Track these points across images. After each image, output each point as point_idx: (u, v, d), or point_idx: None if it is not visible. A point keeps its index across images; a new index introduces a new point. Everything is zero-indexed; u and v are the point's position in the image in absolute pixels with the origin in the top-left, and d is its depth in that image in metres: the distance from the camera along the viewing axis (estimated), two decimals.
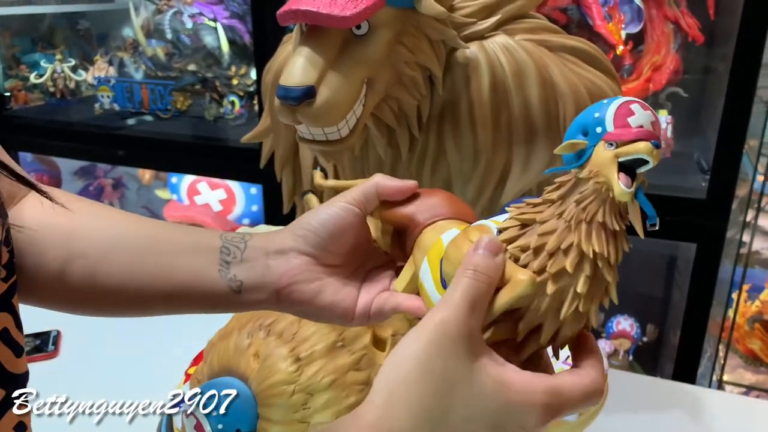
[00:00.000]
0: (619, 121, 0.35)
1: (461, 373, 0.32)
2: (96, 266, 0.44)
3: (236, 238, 0.44)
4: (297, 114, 0.51)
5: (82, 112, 1.73)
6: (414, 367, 0.32)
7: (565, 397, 0.34)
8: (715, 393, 0.94)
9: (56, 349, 0.93)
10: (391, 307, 0.42)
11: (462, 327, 0.32)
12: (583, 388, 0.34)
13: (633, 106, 0.35)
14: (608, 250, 0.35)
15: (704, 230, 1.09)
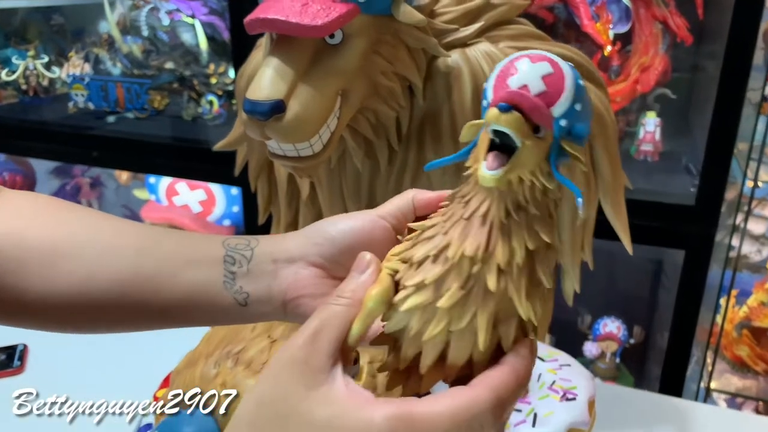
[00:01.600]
0: (498, 85, 0.28)
1: (292, 402, 0.29)
2: (86, 283, 0.40)
3: (241, 244, 0.40)
4: (266, 129, 0.48)
5: (56, 110, 1.67)
6: (249, 401, 0.30)
7: (417, 427, 0.28)
8: (703, 407, 0.92)
9: (22, 365, 0.89)
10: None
11: (296, 353, 0.29)
12: (440, 417, 0.28)
13: (518, 63, 0.28)
14: (500, 250, 0.27)
15: (692, 237, 1.07)
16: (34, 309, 0.41)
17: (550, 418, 0.52)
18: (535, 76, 0.27)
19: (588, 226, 0.65)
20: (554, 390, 0.55)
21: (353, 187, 0.63)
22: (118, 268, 0.40)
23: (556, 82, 0.27)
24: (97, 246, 0.41)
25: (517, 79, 0.28)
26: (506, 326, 0.27)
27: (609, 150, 0.60)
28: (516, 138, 0.26)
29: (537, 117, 0.26)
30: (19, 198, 0.44)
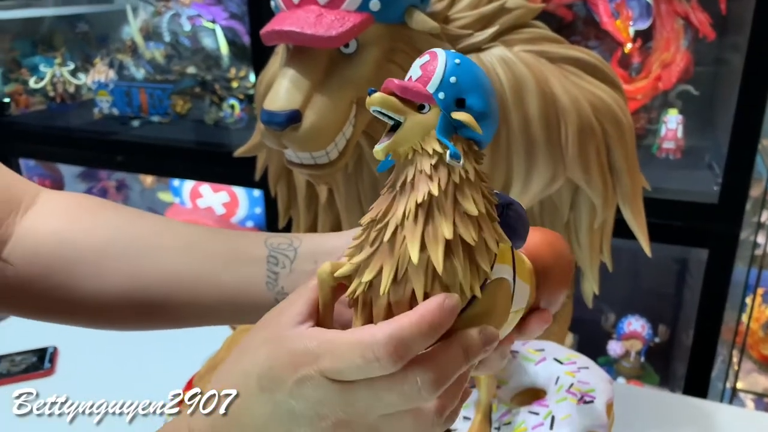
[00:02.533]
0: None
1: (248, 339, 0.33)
2: (131, 282, 0.41)
3: (284, 244, 0.41)
4: (282, 139, 0.48)
5: (82, 116, 1.71)
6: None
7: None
8: (727, 408, 0.91)
9: (52, 367, 0.92)
10: None
11: (270, 313, 0.33)
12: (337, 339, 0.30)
13: (415, 60, 0.32)
14: (399, 209, 0.30)
15: (716, 236, 1.05)
16: (82, 307, 0.42)
17: (568, 421, 0.52)
18: (416, 67, 0.32)
19: (606, 228, 0.65)
20: (572, 393, 0.54)
21: (370, 193, 0.64)
22: (161, 268, 0.41)
23: (430, 66, 0.31)
24: (140, 246, 0.42)
25: (409, 72, 0.32)
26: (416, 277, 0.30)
27: (626, 153, 0.60)
28: (393, 115, 0.30)
29: (409, 95, 0.30)
30: (59, 198, 0.45)
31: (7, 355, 0.94)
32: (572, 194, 0.62)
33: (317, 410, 0.30)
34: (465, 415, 0.56)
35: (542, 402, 0.55)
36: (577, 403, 0.53)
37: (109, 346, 0.99)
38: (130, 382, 0.88)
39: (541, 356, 0.60)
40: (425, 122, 0.31)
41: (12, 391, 0.91)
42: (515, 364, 0.59)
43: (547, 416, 0.53)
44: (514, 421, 0.54)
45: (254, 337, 0.33)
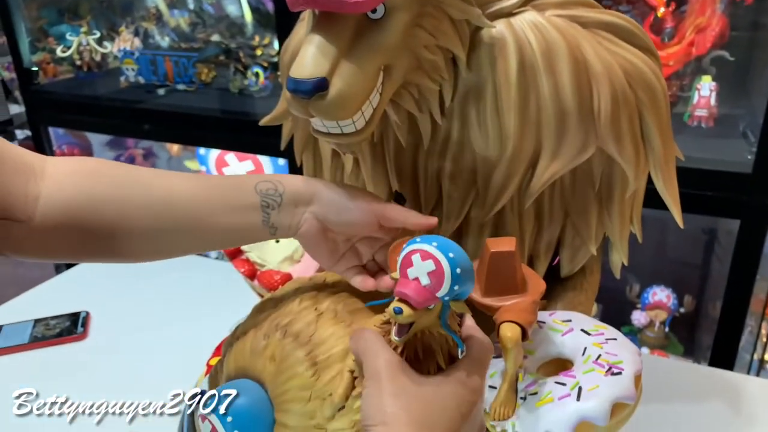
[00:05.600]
0: (402, 271, 0.39)
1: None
2: (145, 234, 0.50)
3: (271, 190, 0.52)
4: (309, 107, 0.48)
5: (109, 85, 1.72)
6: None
7: None
8: (754, 380, 0.90)
9: (85, 331, 0.94)
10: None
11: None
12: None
13: (413, 257, 0.39)
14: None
15: (749, 206, 1.03)
16: (113, 247, 0.51)
17: (595, 392, 0.51)
18: (423, 272, 0.38)
19: (637, 198, 0.64)
20: (599, 364, 0.54)
21: (396, 162, 0.63)
22: (175, 218, 0.51)
23: (438, 277, 0.38)
24: (154, 194, 0.50)
25: (412, 271, 0.38)
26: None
27: (660, 121, 0.58)
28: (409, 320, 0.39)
29: (423, 305, 0.38)
30: (70, 161, 0.51)
31: (42, 320, 0.97)
32: (604, 163, 0.61)
33: None
34: (491, 384, 0.57)
35: (569, 373, 0.55)
36: (604, 374, 0.53)
37: (139, 310, 1.01)
38: (159, 349, 0.90)
39: (568, 327, 0.59)
40: (431, 315, 0.40)
41: (48, 354, 0.94)
42: (542, 334, 0.59)
43: (574, 387, 0.53)
44: (540, 391, 0.54)
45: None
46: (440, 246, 0.38)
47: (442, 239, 0.39)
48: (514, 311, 0.53)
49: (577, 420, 0.51)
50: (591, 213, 0.63)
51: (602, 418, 0.51)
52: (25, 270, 1.85)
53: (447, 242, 0.39)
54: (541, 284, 0.57)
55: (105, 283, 1.09)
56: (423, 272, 0.38)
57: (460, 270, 0.38)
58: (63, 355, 0.89)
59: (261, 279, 0.68)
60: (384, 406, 0.39)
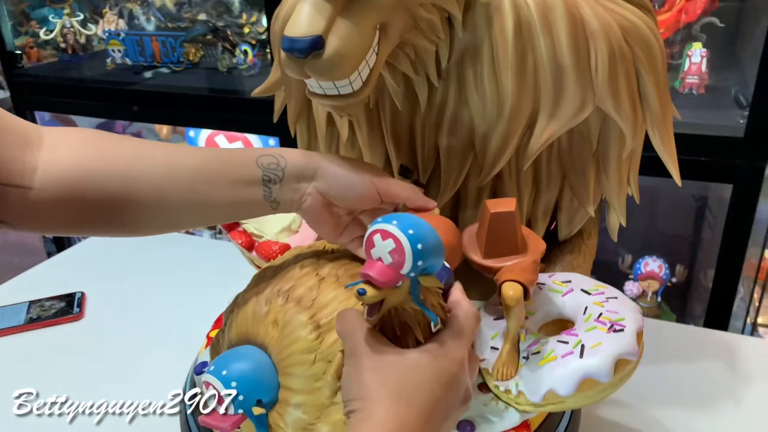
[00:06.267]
0: (366, 254, 0.40)
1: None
2: (148, 209, 0.49)
3: (272, 164, 0.52)
4: (305, 67, 0.47)
5: (95, 67, 1.70)
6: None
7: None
8: (749, 339, 0.91)
9: (81, 311, 0.94)
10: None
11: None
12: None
13: (374, 237, 0.39)
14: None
15: (741, 171, 1.03)
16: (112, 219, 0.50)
17: (598, 349, 0.52)
18: (385, 252, 0.38)
19: (634, 158, 0.64)
20: (601, 322, 0.54)
21: (393, 127, 0.63)
22: (177, 191, 0.50)
23: (400, 255, 0.38)
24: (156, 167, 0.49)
25: (375, 251, 0.39)
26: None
27: (657, 78, 0.58)
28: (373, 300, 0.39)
29: (387, 284, 0.38)
30: (68, 132, 0.50)
31: (36, 301, 0.96)
32: (601, 123, 0.60)
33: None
34: (493, 346, 0.57)
35: (571, 331, 0.55)
36: (606, 331, 0.53)
37: (135, 290, 1.00)
38: (157, 326, 0.90)
39: (568, 288, 0.59)
40: (400, 292, 0.40)
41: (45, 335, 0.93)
42: (542, 295, 0.59)
43: (577, 345, 0.53)
44: (543, 351, 0.54)
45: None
46: (400, 224, 0.38)
47: (404, 216, 0.39)
48: (515, 271, 0.53)
49: (581, 377, 0.51)
50: (588, 174, 0.63)
51: (606, 374, 0.51)
52: (20, 259, 1.84)
53: (408, 219, 0.39)
54: (541, 244, 0.57)
55: (98, 265, 1.09)
56: (384, 252, 0.38)
57: (422, 246, 0.38)
58: (60, 336, 0.89)
59: (259, 250, 0.68)
60: (362, 380, 0.39)
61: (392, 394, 0.38)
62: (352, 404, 0.38)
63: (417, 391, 0.39)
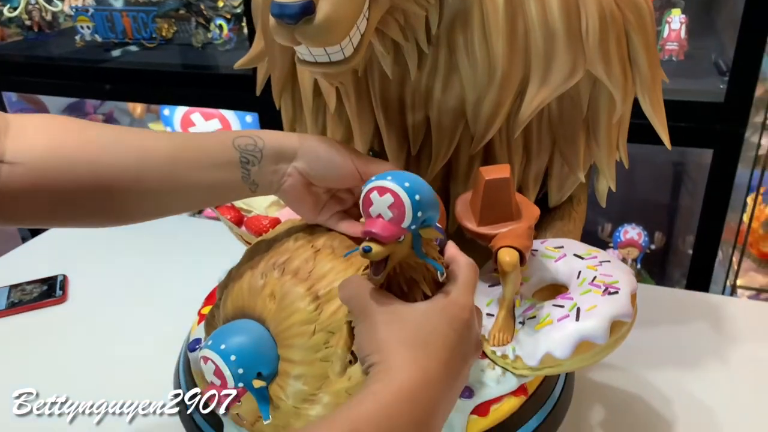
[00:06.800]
0: (364, 211, 0.40)
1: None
2: (125, 197, 0.47)
3: (250, 145, 0.50)
4: (295, 33, 0.46)
5: (63, 45, 1.65)
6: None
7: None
8: (731, 299, 0.93)
9: (64, 294, 0.92)
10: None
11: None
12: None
13: (372, 195, 0.39)
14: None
15: (722, 135, 1.04)
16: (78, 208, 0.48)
17: (594, 311, 0.52)
18: (384, 207, 0.39)
19: (623, 122, 0.64)
20: (596, 285, 0.55)
21: (382, 97, 0.62)
22: (154, 178, 0.48)
23: (399, 208, 0.38)
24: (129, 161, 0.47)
25: (373, 209, 0.39)
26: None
27: (647, 41, 0.58)
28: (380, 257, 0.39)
29: (391, 239, 0.38)
30: (35, 118, 0.47)
31: (17, 285, 0.94)
32: (591, 88, 0.60)
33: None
34: (488, 312, 0.57)
35: (566, 295, 0.55)
36: (601, 294, 0.54)
37: (118, 270, 0.99)
38: (146, 306, 0.88)
39: (561, 253, 0.60)
40: (403, 246, 0.40)
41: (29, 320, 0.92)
42: (535, 261, 0.60)
43: (573, 308, 0.53)
44: (538, 315, 0.55)
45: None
46: (395, 178, 0.39)
47: (397, 172, 0.40)
48: (510, 237, 0.53)
49: (578, 339, 0.52)
50: (579, 140, 0.63)
51: (602, 336, 0.51)
52: None
53: (401, 174, 0.40)
54: (534, 210, 0.57)
55: (77, 248, 1.06)
56: (384, 207, 0.39)
57: (419, 197, 0.39)
58: (45, 319, 0.87)
59: (248, 225, 0.67)
60: (376, 334, 0.39)
61: (408, 343, 0.38)
62: (370, 358, 0.38)
63: (432, 338, 0.39)
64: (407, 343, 0.38)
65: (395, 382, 0.37)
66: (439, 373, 0.38)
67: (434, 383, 0.38)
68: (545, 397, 0.58)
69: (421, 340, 0.38)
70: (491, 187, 0.54)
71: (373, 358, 0.38)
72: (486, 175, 0.54)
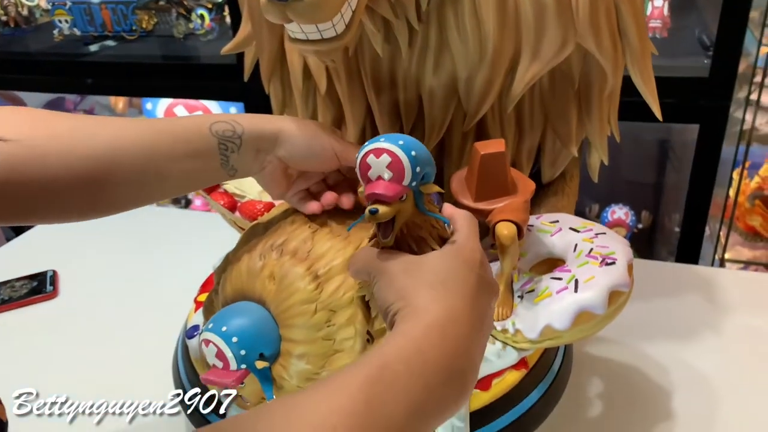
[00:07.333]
0: (363, 177, 0.40)
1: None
2: (100, 188, 0.46)
3: (228, 131, 0.49)
4: (287, 11, 0.45)
5: (41, 40, 1.62)
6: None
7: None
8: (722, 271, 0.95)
9: (55, 290, 0.91)
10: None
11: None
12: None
13: (368, 159, 0.40)
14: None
15: (707, 110, 1.05)
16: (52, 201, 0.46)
17: (592, 282, 0.52)
18: (383, 168, 0.39)
19: (614, 96, 0.64)
20: (593, 257, 0.55)
21: (373, 75, 0.62)
22: (129, 169, 0.47)
23: (398, 166, 0.39)
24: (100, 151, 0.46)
25: (372, 172, 0.40)
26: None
27: (635, 13, 0.58)
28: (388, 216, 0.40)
29: (395, 197, 0.39)
30: (4, 112, 0.46)
31: (5, 282, 0.92)
32: (581, 62, 0.60)
33: None
34: None
35: (564, 268, 0.56)
36: (599, 265, 0.54)
37: (108, 264, 0.98)
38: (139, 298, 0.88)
39: (556, 227, 0.60)
40: (407, 205, 0.40)
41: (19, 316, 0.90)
42: (531, 236, 0.60)
43: (571, 280, 0.53)
44: (537, 288, 0.55)
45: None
46: (388, 139, 0.40)
47: (388, 135, 0.40)
48: (507, 211, 0.53)
49: (577, 310, 0.52)
50: (571, 115, 0.63)
51: (601, 306, 0.52)
52: None
53: (393, 135, 0.40)
54: (530, 184, 0.57)
55: (65, 243, 1.05)
56: (382, 168, 0.39)
57: (415, 152, 0.39)
58: (37, 315, 0.86)
59: (242, 210, 0.66)
60: (396, 283, 0.39)
61: (430, 284, 0.38)
62: (394, 306, 0.38)
63: (451, 279, 0.39)
64: (429, 285, 0.38)
65: (423, 319, 0.36)
66: (464, 311, 0.38)
67: (461, 320, 0.37)
68: (545, 370, 0.59)
69: (441, 281, 0.38)
70: (487, 161, 0.53)
71: (397, 305, 0.38)
72: (481, 149, 0.53)
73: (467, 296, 0.38)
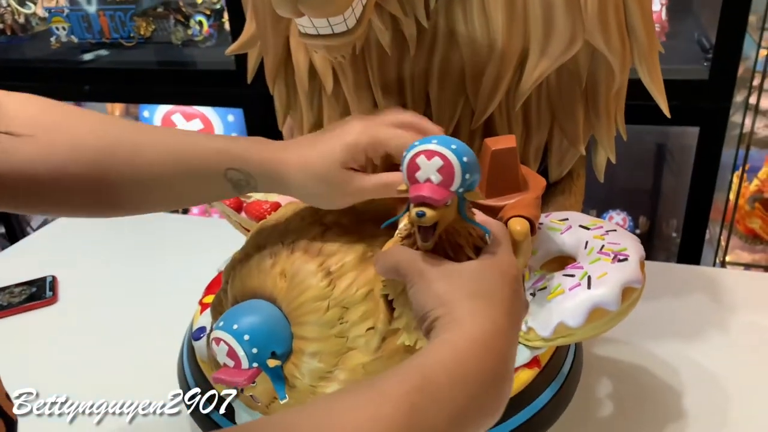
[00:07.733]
0: (410, 177, 0.39)
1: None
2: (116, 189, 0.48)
3: (242, 181, 0.49)
4: (299, 4, 0.45)
5: (38, 48, 1.61)
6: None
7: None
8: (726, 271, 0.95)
9: (54, 295, 0.90)
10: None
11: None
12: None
13: (418, 160, 0.38)
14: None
15: (707, 112, 1.06)
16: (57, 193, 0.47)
17: (605, 278, 0.52)
18: (432, 171, 0.38)
19: (621, 94, 0.64)
20: (604, 253, 0.55)
21: (380, 73, 0.61)
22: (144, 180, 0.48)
23: (449, 171, 0.38)
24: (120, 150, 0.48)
25: (421, 173, 0.38)
26: None
27: (643, 10, 0.58)
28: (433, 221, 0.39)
29: (442, 202, 0.38)
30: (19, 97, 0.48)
31: (4, 288, 0.91)
32: (589, 59, 0.60)
33: None
34: None
35: (576, 265, 0.55)
36: (611, 261, 0.54)
37: (111, 269, 0.97)
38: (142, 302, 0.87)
39: (566, 225, 0.60)
40: (450, 210, 0.39)
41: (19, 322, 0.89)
42: (542, 234, 0.59)
43: (583, 277, 0.53)
44: (549, 286, 0.54)
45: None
46: (441, 142, 0.39)
47: (439, 136, 0.39)
48: (519, 207, 0.53)
49: (590, 307, 0.51)
50: (578, 113, 0.63)
51: (614, 302, 0.51)
52: None
53: (445, 137, 0.39)
54: (541, 180, 0.56)
55: (63, 249, 1.04)
56: (432, 171, 0.38)
57: (467, 159, 0.38)
58: (37, 321, 0.85)
59: (248, 210, 0.66)
60: (435, 290, 0.38)
61: (472, 295, 0.38)
62: (434, 312, 0.38)
63: (490, 290, 0.39)
64: (471, 295, 0.38)
65: (467, 331, 0.36)
66: (504, 325, 0.37)
67: (502, 334, 0.37)
68: (557, 369, 0.58)
69: (480, 292, 0.38)
70: (498, 157, 0.53)
71: (437, 311, 0.38)
72: (492, 145, 0.53)
73: (507, 310, 0.38)
